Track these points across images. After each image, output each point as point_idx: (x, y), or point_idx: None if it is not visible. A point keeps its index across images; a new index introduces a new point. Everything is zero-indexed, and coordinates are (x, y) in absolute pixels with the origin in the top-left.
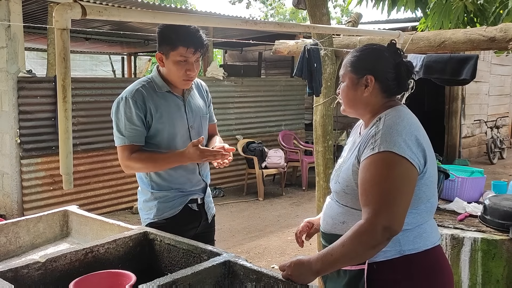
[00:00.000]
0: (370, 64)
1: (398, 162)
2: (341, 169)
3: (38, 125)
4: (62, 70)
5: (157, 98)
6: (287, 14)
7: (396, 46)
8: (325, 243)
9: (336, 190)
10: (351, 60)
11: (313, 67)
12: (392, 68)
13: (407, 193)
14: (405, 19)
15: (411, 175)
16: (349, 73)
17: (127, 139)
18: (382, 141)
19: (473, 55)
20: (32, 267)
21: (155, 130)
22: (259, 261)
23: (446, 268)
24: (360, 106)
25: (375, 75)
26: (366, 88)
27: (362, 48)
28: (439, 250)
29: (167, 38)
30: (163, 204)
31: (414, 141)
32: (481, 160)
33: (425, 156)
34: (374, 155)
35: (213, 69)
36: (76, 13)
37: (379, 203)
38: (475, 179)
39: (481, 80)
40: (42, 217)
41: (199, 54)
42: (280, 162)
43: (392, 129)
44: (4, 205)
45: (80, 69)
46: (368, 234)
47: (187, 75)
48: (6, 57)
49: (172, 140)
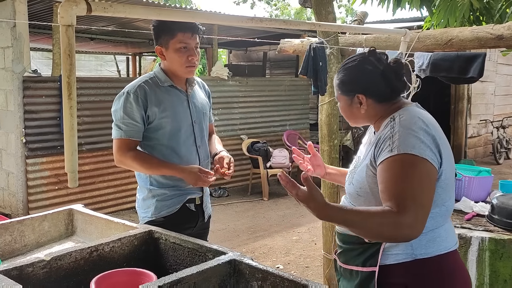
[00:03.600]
0: (355, 83)
1: (420, 163)
2: (356, 170)
3: (43, 124)
4: (67, 67)
5: (160, 93)
6: (292, 14)
7: (377, 53)
8: (338, 242)
9: (350, 192)
10: (337, 82)
11: (319, 65)
12: (379, 78)
13: (429, 193)
14: (411, 19)
15: (432, 176)
16: (340, 95)
17: (124, 132)
18: (400, 142)
19: (481, 53)
20: (37, 265)
21: (157, 124)
22: (264, 261)
23: (461, 275)
24: (363, 120)
25: (364, 92)
26: (361, 106)
27: (343, 67)
28: (454, 255)
29: (164, 29)
30: (161, 203)
31: (432, 142)
32: (487, 160)
33: (441, 157)
34: (393, 157)
35: (218, 69)
36: (81, 9)
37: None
38: (482, 178)
39: (487, 79)
40: (47, 215)
41: (197, 38)
42: (285, 162)
43: (408, 130)
44: (9, 204)
45: (85, 69)
46: (394, 226)
47: (189, 61)
48: (11, 57)
49: (175, 134)
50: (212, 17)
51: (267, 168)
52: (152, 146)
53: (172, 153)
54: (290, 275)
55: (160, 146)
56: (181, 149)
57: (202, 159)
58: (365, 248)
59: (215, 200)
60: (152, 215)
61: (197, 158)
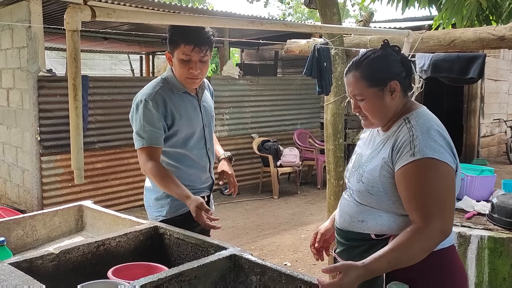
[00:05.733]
0: (385, 70)
1: (441, 167)
2: (364, 168)
3: (57, 123)
4: (73, 69)
5: (175, 100)
6: (306, 13)
7: (390, 44)
8: (340, 239)
9: (359, 189)
10: (363, 75)
11: (323, 66)
12: (401, 66)
13: (453, 194)
14: (423, 17)
15: (453, 177)
16: (366, 88)
17: (145, 141)
18: (421, 147)
19: (481, 54)
20: (46, 258)
21: (174, 131)
22: (272, 258)
23: (461, 267)
24: (390, 113)
25: (396, 78)
26: (394, 94)
27: (364, 61)
28: (454, 249)
29: (171, 37)
30: (175, 202)
31: (447, 145)
32: (500, 160)
33: (455, 159)
34: (417, 161)
35: (229, 68)
36: (86, 15)
37: (433, 206)
38: (484, 177)
39: (500, 78)
40: (58, 211)
41: (201, 52)
42: (295, 160)
43: (428, 134)
44: (24, 200)
45: (99, 68)
46: (429, 239)
47: (189, 73)
48: (26, 57)
49: (188, 139)
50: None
51: (278, 166)
52: (166, 151)
53: (185, 156)
54: (287, 270)
55: (174, 150)
56: (193, 153)
57: (211, 161)
58: (371, 245)
59: (226, 198)
60: (167, 213)
61: (207, 160)
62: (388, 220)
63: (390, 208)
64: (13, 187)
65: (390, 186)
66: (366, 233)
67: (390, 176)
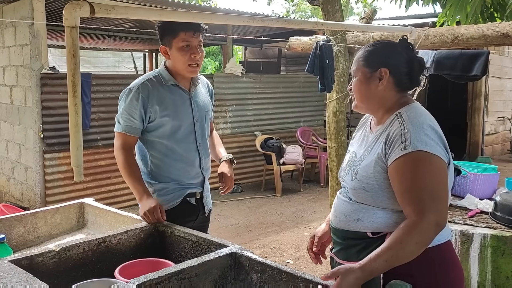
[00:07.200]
0: (384, 57)
1: (433, 159)
2: (359, 165)
3: (60, 120)
4: (71, 66)
5: (162, 91)
6: (309, 10)
7: (408, 42)
8: (336, 239)
9: (354, 187)
10: (364, 54)
11: (325, 63)
12: (405, 63)
13: (446, 187)
14: (427, 15)
15: (445, 170)
16: (362, 67)
17: (121, 127)
18: (412, 140)
19: (484, 51)
20: (47, 255)
21: (158, 122)
22: (275, 256)
23: (457, 263)
24: (374, 100)
25: (389, 68)
26: (380, 82)
27: (374, 43)
28: (450, 245)
29: (167, 29)
30: (162, 197)
31: (439, 139)
32: (505, 158)
33: (448, 153)
34: (408, 154)
35: (232, 66)
36: (84, 11)
37: (427, 199)
38: (487, 175)
39: (505, 76)
40: (59, 208)
41: (199, 37)
42: (298, 158)
43: (419, 128)
44: (28, 198)
45: (103, 65)
46: (425, 232)
47: (192, 59)
48: (29, 54)
49: (175, 132)
50: (213, 17)
51: (280, 164)
52: (152, 142)
53: (172, 150)
54: (287, 268)
55: (160, 143)
56: (181, 146)
57: (202, 157)
58: (368, 243)
59: (229, 195)
60: None
61: (197, 155)
62: (384, 217)
63: (386, 205)
64: (16, 185)
65: (384, 181)
66: (362, 231)
67: (384, 171)
